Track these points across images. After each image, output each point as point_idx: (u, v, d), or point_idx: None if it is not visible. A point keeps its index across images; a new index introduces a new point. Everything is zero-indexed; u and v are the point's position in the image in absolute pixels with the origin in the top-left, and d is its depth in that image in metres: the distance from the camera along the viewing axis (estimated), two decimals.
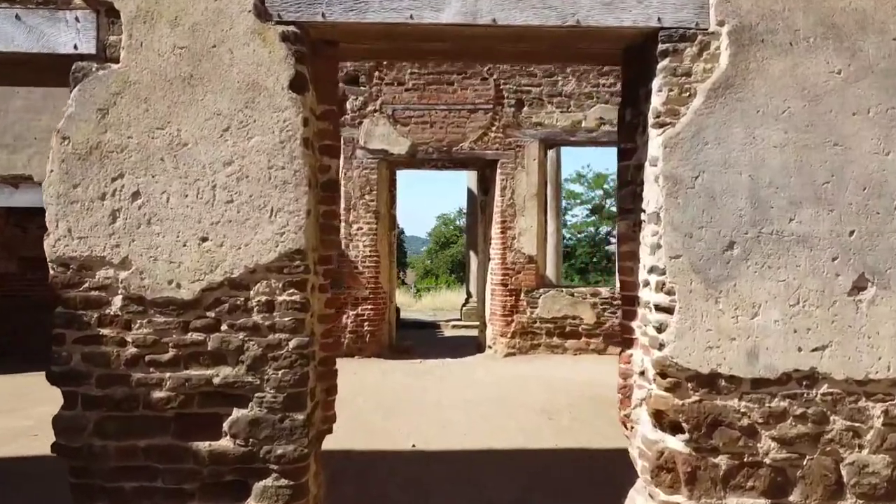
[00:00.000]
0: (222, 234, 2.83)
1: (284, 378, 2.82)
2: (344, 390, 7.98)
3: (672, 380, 2.88)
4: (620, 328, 3.30)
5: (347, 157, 9.45)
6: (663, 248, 2.89)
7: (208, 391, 2.82)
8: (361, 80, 9.42)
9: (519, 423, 6.09)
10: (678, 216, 2.88)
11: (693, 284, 2.88)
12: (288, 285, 2.83)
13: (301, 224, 2.84)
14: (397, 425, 5.99)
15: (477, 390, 7.48)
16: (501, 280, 9.50)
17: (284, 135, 2.84)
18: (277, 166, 2.83)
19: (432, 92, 9.45)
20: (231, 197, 2.83)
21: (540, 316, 9.45)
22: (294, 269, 2.83)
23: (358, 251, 9.46)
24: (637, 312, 3.18)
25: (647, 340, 3.02)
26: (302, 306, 2.84)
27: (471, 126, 9.46)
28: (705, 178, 2.89)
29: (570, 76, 9.46)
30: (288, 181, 2.84)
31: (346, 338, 9.40)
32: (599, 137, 9.56)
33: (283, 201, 2.84)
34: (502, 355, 9.46)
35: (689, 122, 2.89)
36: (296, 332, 2.83)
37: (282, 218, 2.84)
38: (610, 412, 6.60)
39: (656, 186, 2.93)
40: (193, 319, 2.82)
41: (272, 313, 2.83)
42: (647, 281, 3.03)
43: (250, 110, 2.83)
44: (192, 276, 2.81)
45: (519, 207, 9.51)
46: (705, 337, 2.87)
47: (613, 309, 9.48)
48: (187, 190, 2.82)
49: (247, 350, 2.82)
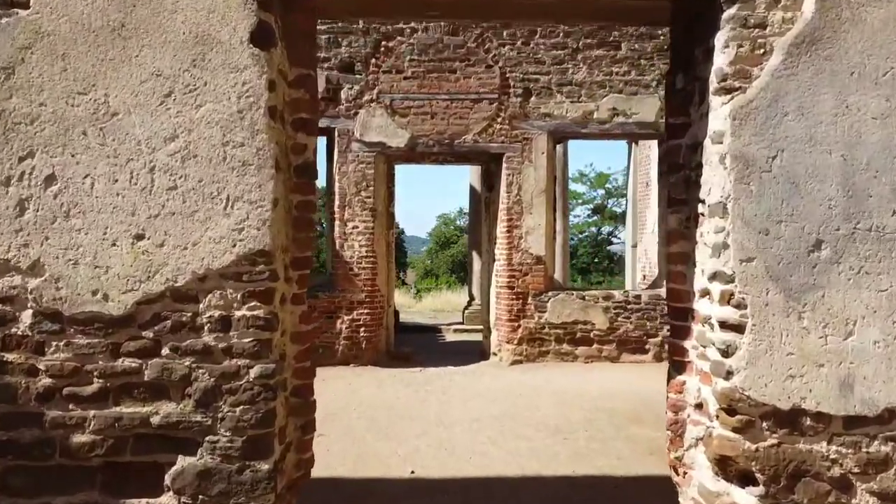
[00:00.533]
0: (163, 231, 2.19)
1: (244, 416, 2.18)
2: (336, 403, 7.43)
3: (742, 417, 2.25)
4: (669, 348, 2.66)
5: (342, 151, 8.80)
6: (731, 248, 2.26)
7: (145, 434, 2.18)
8: (357, 67, 8.77)
9: (530, 444, 5.45)
10: (751, 208, 2.24)
11: (770, 295, 2.24)
12: (248, 296, 2.19)
13: (265, 217, 2.20)
14: (394, 447, 5.34)
15: (482, 404, 6.84)
16: (507, 282, 8.86)
17: (244, 102, 2.19)
18: (235, 143, 2.19)
19: (433, 80, 8.79)
20: (175, 182, 2.19)
21: (549, 321, 8.80)
22: (256, 275, 2.19)
23: (353, 251, 8.81)
24: (691, 329, 2.54)
25: (708, 366, 2.38)
26: (266, 323, 2.20)
27: (474, 117, 8.81)
28: (785, 159, 2.25)
29: (580, 63, 8.81)
30: (248, 162, 2.20)
31: (340, 345, 8.75)
32: (612, 129, 8.91)
33: (242, 188, 2.19)
34: (508, 363, 8.81)
35: (765, 86, 2.25)
36: (258, 357, 2.19)
37: (240, 209, 2.20)
38: (629, 429, 5.98)
39: (721, 170, 2.29)
40: (126, 341, 2.18)
41: (228, 333, 2.19)
42: (708, 290, 2.39)
43: (199, 70, 2.19)
44: (123, 284, 2.17)
45: (526, 204, 8.86)
46: (785, 363, 2.23)
47: (627, 314, 8.84)
48: (118, 173, 2.18)
49: (195, 380, 2.18)
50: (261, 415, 2.18)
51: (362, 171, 8.79)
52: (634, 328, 8.83)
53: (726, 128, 2.27)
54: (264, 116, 2.20)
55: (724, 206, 2.28)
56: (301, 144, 2.49)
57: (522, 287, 8.85)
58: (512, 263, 8.87)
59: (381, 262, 9.00)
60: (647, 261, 12.68)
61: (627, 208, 14.71)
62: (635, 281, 13.55)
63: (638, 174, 13.71)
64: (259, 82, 2.20)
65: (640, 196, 13.62)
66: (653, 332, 8.82)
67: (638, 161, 13.73)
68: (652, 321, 8.82)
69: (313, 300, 8.73)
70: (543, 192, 8.91)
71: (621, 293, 9.09)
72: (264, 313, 2.20)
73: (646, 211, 13.07)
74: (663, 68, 8.84)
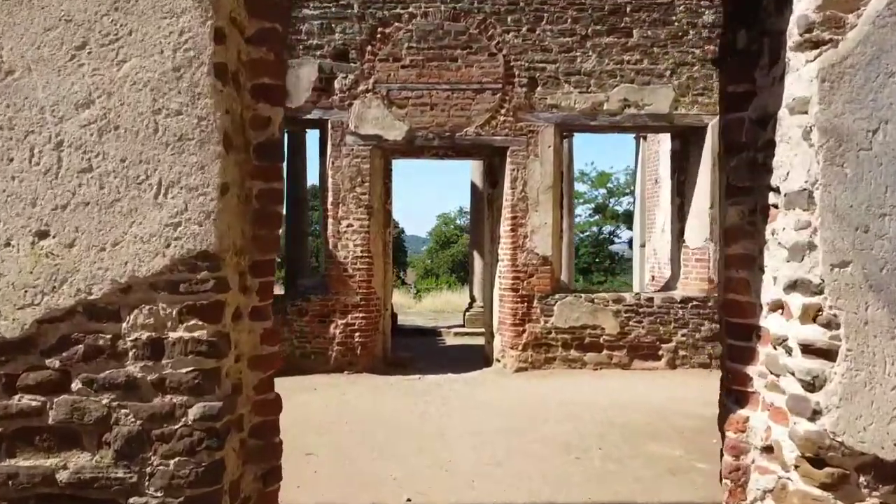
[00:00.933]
0: (73, 227, 1.66)
1: (180, 471, 1.65)
2: (327, 415, 6.79)
3: (833, 470, 1.72)
4: (726, 374, 2.13)
5: (336, 144, 8.25)
6: (819, 249, 1.73)
7: (49, 495, 1.65)
8: (352, 55, 8.22)
9: (540, 465, 4.92)
10: (845, 197, 1.72)
11: (870, 311, 1.71)
12: (187, 312, 1.66)
13: (209, 208, 1.67)
14: (389, 468, 4.81)
15: (485, 417, 6.31)
16: (511, 284, 8.31)
17: (181, 57, 1.66)
18: (170, 110, 1.66)
19: (433, 69, 8.25)
20: (89, 162, 1.66)
21: (555, 325, 8.26)
22: (198, 284, 1.66)
23: (347, 251, 8.27)
24: (757, 352, 2.01)
25: (784, 400, 1.85)
26: (211, 348, 1.67)
27: (476, 108, 8.27)
28: (891, 133, 1.72)
29: (589, 51, 8.26)
30: (187, 136, 1.67)
31: (333, 350, 8.21)
32: (623, 122, 8.37)
33: (178, 170, 1.67)
34: (513, 370, 8.27)
35: (864, 38, 1.72)
36: (200, 393, 1.66)
37: (177, 198, 1.67)
38: (646, 446, 5.46)
39: (805, 148, 1.76)
40: (23, 372, 1.65)
41: (160, 361, 1.66)
42: (782, 303, 1.86)
43: (123, 15, 1.66)
44: (20, 298, 1.64)
45: (532, 201, 8.32)
46: (891, 400, 1.70)
47: (639, 318, 8.30)
48: (13, 150, 1.65)
49: (116, 424, 1.65)
50: (203, 468, 1.66)
51: (357, 165, 8.25)
52: (646, 333, 8.29)
53: (812, 93, 1.74)
54: (209, 76, 1.67)
55: (808, 195, 1.75)
56: (263, 117, 1.96)
57: (527, 289, 8.31)
58: (516, 264, 8.34)
59: (378, 263, 8.46)
60: (657, 261, 12.14)
61: (635, 207, 14.17)
62: (643, 282, 13.02)
63: (646, 171, 13.18)
64: (202, 31, 1.67)
65: (648, 194, 13.09)
66: (666, 337, 8.29)
67: (646, 157, 13.20)
68: (665, 325, 8.29)
69: (305, 303, 8.23)
70: (550, 189, 8.38)
71: (632, 296, 8.55)
72: (208, 334, 1.67)
73: (654, 209, 12.52)
74: (678, 56, 8.31)
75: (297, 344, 8.16)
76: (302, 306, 8.21)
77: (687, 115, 8.29)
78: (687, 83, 8.28)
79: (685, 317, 8.29)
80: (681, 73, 8.29)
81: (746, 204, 2.03)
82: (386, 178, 8.76)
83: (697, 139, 8.50)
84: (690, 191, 8.70)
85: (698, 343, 8.30)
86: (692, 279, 8.60)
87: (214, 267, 1.68)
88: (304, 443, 5.37)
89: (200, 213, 1.67)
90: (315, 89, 8.18)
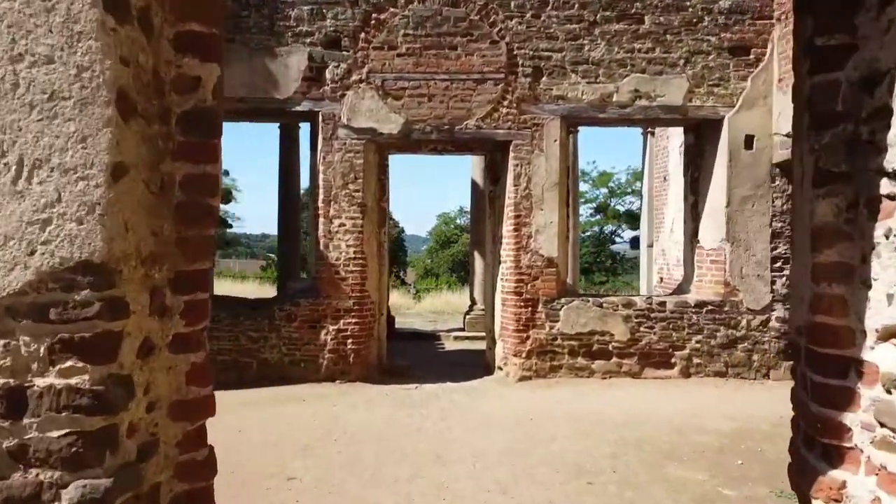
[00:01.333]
0: None
1: None
2: (314, 432, 6.00)
3: None
4: (819, 423, 1.60)
5: (327, 138, 7.73)
6: None
7: None
8: (344, 43, 7.69)
9: (548, 491, 4.40)
10: None
11: None
12: (62, 349, 1.15)
13: (95, 198, 1.15)
14: (379, 497, 4.29)
15: (487, 433, 5.79)
16: (515, 287, 7.79)
17: None
18: (36, 57, 1.15)
19: (431, 58, 7.72)
20: None
21: (561, 331, 7.74)
22: (77, 308, 1.15)
23: (339, 252, 7.74)
24: (858, 395, 1.48)
25: None
26: (97, 399, 1.15)
27: (477, 100, 7.74)
28: None
29: (598, 39, 7.74)
30: (62, 93, 1.15)
31: (324, 359, 7.68)
32: (633, 114, 7.84)
33: (49, 142, 1.15)
34: (516, 379, 7.74)
35: None
36: (80, 465, 1.15)
37: (46, 183, 1.15)
38: (665, 469, 4.94)
39: None
40: None
41: (20, 420, 1.14)
42: None
43: None
44: None
45: (536, 199, 7.79)
46: None
47: (650, 323, 7.78)
48: None
49: None
50: None
51: (350, 160, 7.73)
52: (658, 340, 7.77)
53: None
54: (94, 7, 1.15)
55: None
56: (191, 77, 1.44)
57: (532, 293, 7.79)
58: (520, 266, 7.81)
59: (372, 264, 7.94)
60: (665, 262, 11.62)
61: (642, 205, 13.65)
62: (651, 283, 12.49)
63: (654, 168, 12.66)
64: None
65: (656, 192, 12.57)
66: (679, 344, 7.76)
67: (654, 153, 12.68)
68: (678, 332, 7.77)
69: (294, 308, 7.71)
70: (556, 186, 7.85)
71: (643, 300, 8.03)
72: (93, 380, 1.15)
73: (662, 208, 12.00)
74: (692, 45, 7.79)
75: (285, 351, 7.64)
76: (291, 311, 7.69)
77: (702, 107, 7.76)
78: (702, 73, 7.76)
79: (700, 322, 7.77)
80: (695, 62, 7.76)
81: (844, 195, 1.50)
82: (381, 175, 8.24)
83: (713, 133, 7.97)
84: (705, 188, 8.18)
85: (714, 350, 7.78)
86: (707, 282, 8.08)
87: (103, 283, 1.16)
88: (287, 465, 4.86)
89: (81, 206, 1.15)
90: (305, 79, 7.66)
